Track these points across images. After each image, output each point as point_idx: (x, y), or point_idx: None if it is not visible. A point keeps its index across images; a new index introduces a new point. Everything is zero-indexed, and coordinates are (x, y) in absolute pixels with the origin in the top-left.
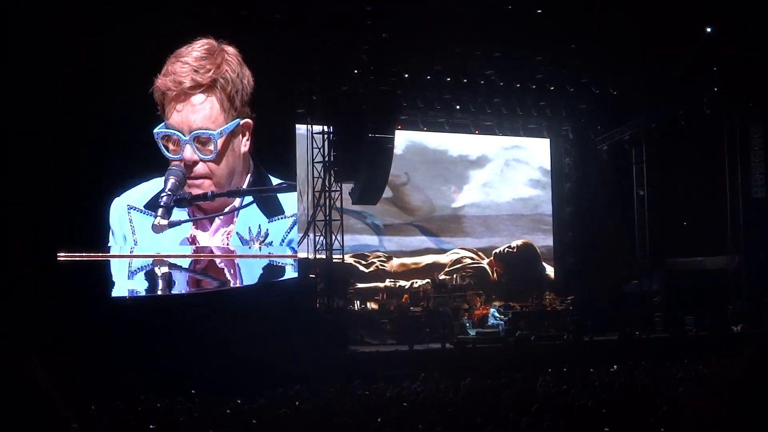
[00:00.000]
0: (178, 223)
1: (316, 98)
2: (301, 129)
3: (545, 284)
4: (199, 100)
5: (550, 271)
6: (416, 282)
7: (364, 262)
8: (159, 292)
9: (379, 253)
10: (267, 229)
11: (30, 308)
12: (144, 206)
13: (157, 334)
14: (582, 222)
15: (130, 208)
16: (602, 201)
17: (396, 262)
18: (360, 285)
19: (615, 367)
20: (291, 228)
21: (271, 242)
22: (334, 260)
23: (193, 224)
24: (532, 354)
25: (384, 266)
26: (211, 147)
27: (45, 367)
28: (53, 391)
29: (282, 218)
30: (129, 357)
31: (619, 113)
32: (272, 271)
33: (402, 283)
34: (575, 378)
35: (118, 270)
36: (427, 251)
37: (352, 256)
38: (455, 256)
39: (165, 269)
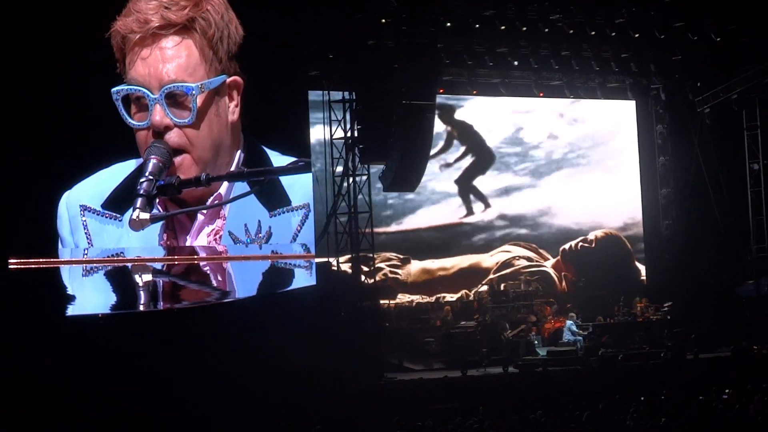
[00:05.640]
0: (163, 216)
1: (333, 56)
2: (314, 96)
3: (635, 288)
4: (171, 44)
5: (641, 270)
6: (445, 296)
7: (365, 269)
8: (124, 309)
9: (389, 255)
10: (269, 227)
11: None
12: (102, 206)
13: (125, 363)
14: (680, 207)
15: (84, 209)
16: (706, 179)
17: (416, 266)
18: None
19: (728, 392)
20: (303, 222)
21: (277, 245)
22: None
23: (166, 225)
24: (619, 378)
25: (397, 274)
26: (189, 106)
27: None
28: None
29: (288, 210)
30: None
31: (726, 65)
32: (280, 277)
33: (422, 299)
34: (676, 408)
35: (69, 280)
36: (460, 246)
37: (348, 260)
38: (504, 256)
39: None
